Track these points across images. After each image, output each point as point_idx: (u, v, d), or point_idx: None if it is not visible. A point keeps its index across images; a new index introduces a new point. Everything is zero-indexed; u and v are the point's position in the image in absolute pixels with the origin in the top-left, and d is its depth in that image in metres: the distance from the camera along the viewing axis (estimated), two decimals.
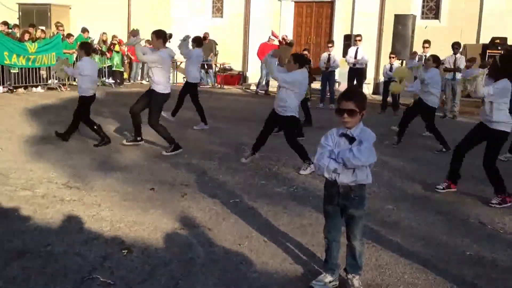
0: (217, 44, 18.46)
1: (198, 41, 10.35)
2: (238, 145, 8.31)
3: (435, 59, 8.89)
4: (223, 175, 6.55)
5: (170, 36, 8.02)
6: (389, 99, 13.25)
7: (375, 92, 16.54)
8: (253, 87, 17.20)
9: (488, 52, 13.87)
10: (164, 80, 7.70)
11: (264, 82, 16.39)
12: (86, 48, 8.06)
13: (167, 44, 7.87)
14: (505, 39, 14.09)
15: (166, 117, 9.59)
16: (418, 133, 9.69)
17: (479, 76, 5.71)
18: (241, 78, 18.97)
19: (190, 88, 10.07)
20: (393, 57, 13.10)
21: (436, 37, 14.10)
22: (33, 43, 14.33)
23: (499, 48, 13.61)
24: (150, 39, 7.87)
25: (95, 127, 7.98)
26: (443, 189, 6.11)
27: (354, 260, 3.60)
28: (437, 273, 3.91)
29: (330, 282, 3.62)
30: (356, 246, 3.58)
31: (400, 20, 13.53)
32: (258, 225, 4.81)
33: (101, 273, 3.70)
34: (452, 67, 12.50)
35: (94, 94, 8.09)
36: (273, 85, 16.97)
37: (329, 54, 14.02)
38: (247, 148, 7.30)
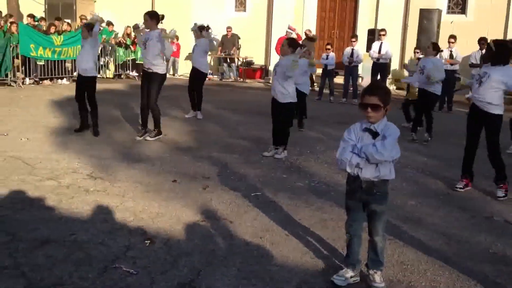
0: (239, 38, 18.46)
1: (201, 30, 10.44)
2: (259, 139, 8.31)
3: (435, 47, 8.90)
4: (244, 169, 6.57)
5: (163, 17, 8.02)
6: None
7: (399, 87, 16.36)
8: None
9: None
10: (162, 62, 8.01)
11: None
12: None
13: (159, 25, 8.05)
14: None
15: (198, 117, 9.98)
16: (441, 130, 9.57)
17: None
18: (263, 72, 18.95)
19: (199, 76, 10.25)
20: (417, 52, 12.93)
21: (462, 32, 13.90)
22: (59, 36, 14.55)
23: None
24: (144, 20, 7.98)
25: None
26: (462, 188, 6.03)
27: (375, 255, 3.58)
28: (460, 270, 3.87)
29: (351, 277, 3.61)
30: (378, 242, 3.56)
31: (425, 15, 13.37)
32: (279, 219, 4.82)
33: (124, 263, 3.74)
34: (478, 62, 12.29)
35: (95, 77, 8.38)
36: None
37: (352, 49, 13.90)
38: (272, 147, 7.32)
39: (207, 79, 11.13)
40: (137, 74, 16.87)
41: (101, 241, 4.12)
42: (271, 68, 18.72)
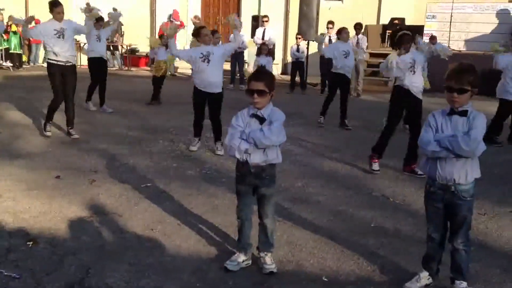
0: (122, 25, 17.85)
1: None
2: (149, 129, 8.15)
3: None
4: (133, 160, 6.41)
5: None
6: (297, 78, 13.54)
7: (284, 72, 16.83)
8: None
9: (388, 32, 14.53)
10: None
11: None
12: None
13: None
14: (403, 19, 14.83)
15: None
16: (332, 113, 9.98)
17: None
18: (149, 59, 18.51)
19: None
20: (299, 38, 13.36)
21: (340, 18, 14.52)
22: None
23: (397, 28, 14.26)
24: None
25: None
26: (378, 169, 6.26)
27: (266, 238, 3.68)
28: (345, 245, 4.09)
29: (243, 261, 3.67)
30: (268, 224, 3.66)
31: (305, 1, 13.77)
32: (171, 209, 4.77)
33: (5, 267, 3.51)
34: (355, 47, 12.95)
35: None
36: (184, 67, 16.78)
37: None
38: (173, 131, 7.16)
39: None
40: (11, 65, 15.74)
41: None
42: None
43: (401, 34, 6.13)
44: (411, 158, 6.14)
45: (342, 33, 8.94)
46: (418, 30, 14.33)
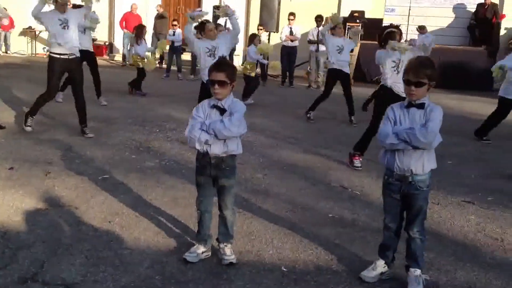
0: None
1: None
2: (107, 119, 8.00)
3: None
4: (91, 151, 6.28)
5: None
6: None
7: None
8: (118, 58, 16.75)
9: (348, 25, 14.66)
10: None
11: (130, 54, 16.03)
12: None
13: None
14: (362, 12, 15.01)
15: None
16: (285, 103, 10.05)
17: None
18: (108, 48, 18.17)
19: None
20: (261, 29, 13.36)
21: (301, 10, 14.60)
22: None
23: (358, 21, 14.45)
24: None
25: None
26: (360, 166, 6.21)
27: (226, 229, 3.68)
28: (303, 235, 4.13)
29: (202, 252, 3.66)
30: (228, 216, 3.65)
31: None
32: (129, 201, 4.70)
33: None
34: (316, 39, 13.05)
35: None
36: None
37: None
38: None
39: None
40: None
41: None
42: (116, 44, 18.01)
43: (388, 31, 6.13)
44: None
45: (336, 28, 8.87)
46: (377, 23, 14.64)
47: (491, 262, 3.83)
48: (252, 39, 10.87)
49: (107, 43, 18.09)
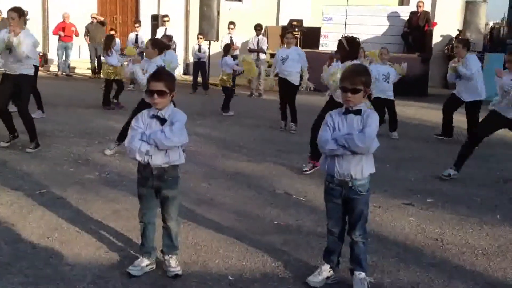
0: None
1: None
2: (42, 131, 7.72)
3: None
4: (26, 165, 6.04)
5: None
6: (199, 79, 13.50)
7: (185, 72, 16.71)
8: (53, 69, 16.32)
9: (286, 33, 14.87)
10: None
11: (66, 64, 15.71)
12: None
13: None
14: (301, 21, 15.30)
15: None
16: (236, 110, 10.05)
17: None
18: (41, 59, 17.57)
19: None
20: (201, 38, 13.35)
21: (240, 19, 14.69)
22: None
23: (296, 30, 14.69)
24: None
25: None
26: (309, 170, 6.27)
27: (170, 240, 3.62)
28: (250, 244, 4.12)
29: (147, 265, 3.58)
30: (172, 227, 3.60)
31: (205, 2, 13.80)
32: (69, 215, 4.55)
33: None
34: (256, 48, 13.15)
35: None
36: (80, 67, 16.16)
37: (136, 34, 13.72)
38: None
39: None
40: None
41: None
42: (50, 55, 17.49)
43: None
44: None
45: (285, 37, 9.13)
46: (315, 31, 14.95)
47: (432, 262, 3.95)
48: (228, 49, 10.72)
49: (41, 54, 17.48)
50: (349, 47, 5.84)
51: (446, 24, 15.77)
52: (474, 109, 8.11)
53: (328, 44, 14.34)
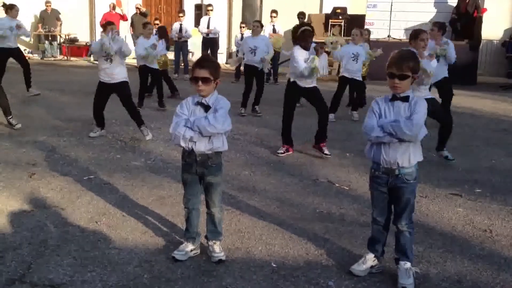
0: (59, 14, 17.27)
1: None
2: (89, 120, 7.90)
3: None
4: (75, 152, 6.21)
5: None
6: (242, 68, 13.49)
7: (229, 61, 16.76)
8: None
9: (331, 21, 14.72)
10: None
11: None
12: None
13: None
14: (345, 8, 15.06)
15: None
16: (271, 100, 10.03)
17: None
18: (88, 49, 17.99)
19: None
20: (243, 27, 13.33)
21: (283, 7, 14.59)
22: None
23: (340, 17, 14.49)
24: None
25: None
26: (283, 153, 6.44)
27: (214, 226, 3.65)
28: (292, 231, 4.12)
29: (191, 250, 3.63)
30: (216, 213, 3.63)
31: None
32: (116, 201, 4.65)
33: None
34: None
35: None
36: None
37: (180, 24, 13.82)
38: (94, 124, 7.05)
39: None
40: None
41: None
42: None
43: (303, 30, 6.18)
44: (321, 136, 6.43)
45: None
46: (359, 19, 14.70)
47: (480, 254, 3.85)
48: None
49: (88, 43, 17.91)
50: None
51: (496, 10, 15.19)
52: None
53: (373, 32, 14.09)
